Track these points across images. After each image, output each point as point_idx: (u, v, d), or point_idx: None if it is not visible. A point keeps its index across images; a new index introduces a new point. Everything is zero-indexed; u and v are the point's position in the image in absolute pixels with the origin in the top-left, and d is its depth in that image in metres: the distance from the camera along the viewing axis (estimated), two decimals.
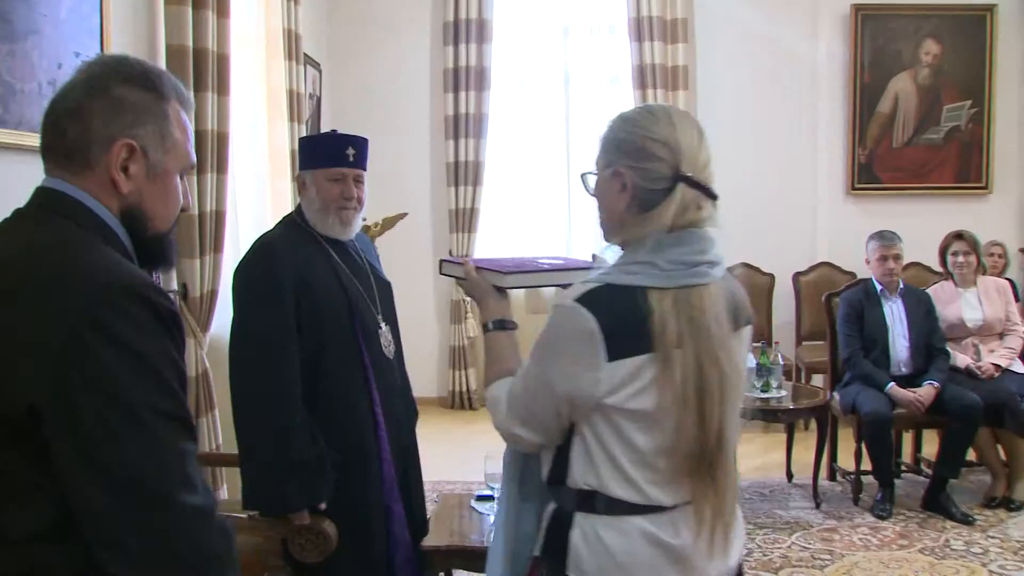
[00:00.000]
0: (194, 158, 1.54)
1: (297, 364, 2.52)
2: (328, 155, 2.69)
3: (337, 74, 6.73)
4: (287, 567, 2.58)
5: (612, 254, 1.72)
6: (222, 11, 3.63)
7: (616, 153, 1.69)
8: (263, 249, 2.67)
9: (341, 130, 2.79)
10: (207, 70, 3.47)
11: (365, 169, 2.74)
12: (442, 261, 1.98)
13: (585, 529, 1.65)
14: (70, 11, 2.63)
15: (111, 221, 1.42)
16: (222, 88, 3.63)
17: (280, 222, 2.84)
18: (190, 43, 3.36)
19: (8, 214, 1.47)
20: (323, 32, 6.60)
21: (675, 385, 1.55)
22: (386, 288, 2.84)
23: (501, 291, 1.82)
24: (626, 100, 6.76)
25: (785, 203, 6.85)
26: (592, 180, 1.75)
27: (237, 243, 4.19)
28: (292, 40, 4.93)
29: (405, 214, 5.20)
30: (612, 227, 1.71)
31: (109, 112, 1.39)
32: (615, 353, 1.54)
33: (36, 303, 1.25)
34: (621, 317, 1.55)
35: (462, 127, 6.69)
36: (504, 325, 1.80)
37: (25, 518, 1.28)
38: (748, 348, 1.82)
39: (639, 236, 1.62)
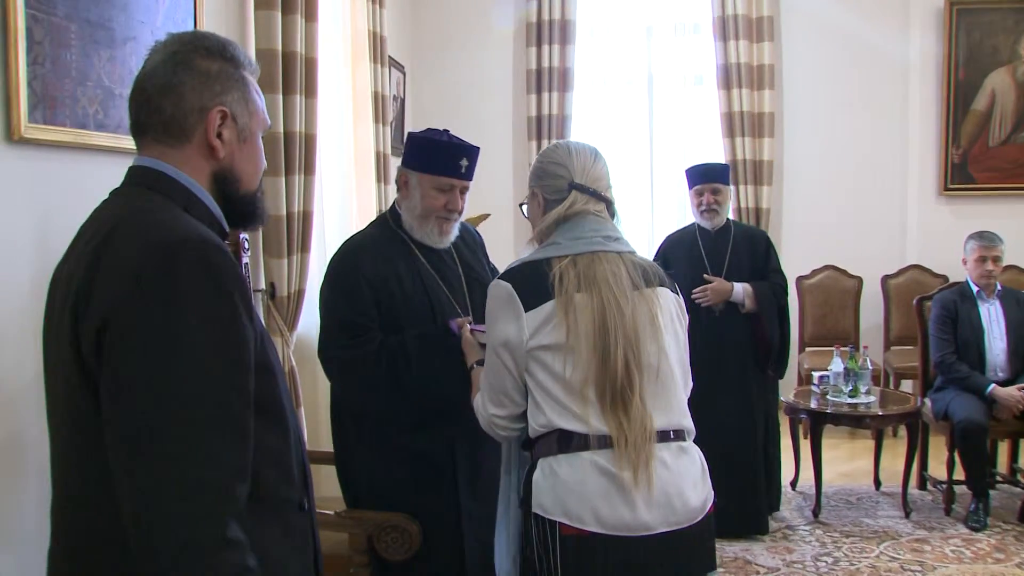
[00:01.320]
0: (269, 119, 1.65)
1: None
2: (441, 162, 2.61)
3: (421, 76, 6.79)
4: (373, 564, 2.61)
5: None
6: (310, 15, 3.69)
7: (532, 179, 2.26)
8: (347, 251, 2.70)
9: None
10: (295, 73, 3.53)
11: (472, 180, 2.69)
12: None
13: (544, 469, 2.02)
14: (166, 17, 2.70)
15: (196, 189, 1.52)
16: (310, 91, 3.69)
17: (372, 222, 2.84)
18: (279, 47, 3.42)
19: None
20: (407, 34, 6.67)
21: (579, 321, 1.99)
22: (483, 292, 2.80)
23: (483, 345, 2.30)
24: (711, 100, 6.68)
25: (873, 204, 6.69)
26: (524, 208, 2.31)
27: (324, 243, 4.26)
28: (377, 42, 4.99)
29: (488, 215, 5.21)
30: (536, 232, 2.22)
31: (199, 84, 1.49)
32: (528, 304, 2.04)
33: (104, 260, 1.35)
34: (530, 280, 2.07)
35: (545, 128, 6.69)
36: (482, 363, 2.22)
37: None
38: (674, 310, 2.16)
39: (545, 228, 2.17)
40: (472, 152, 2.65)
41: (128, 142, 2.44)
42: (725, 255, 4.42)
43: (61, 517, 1.47)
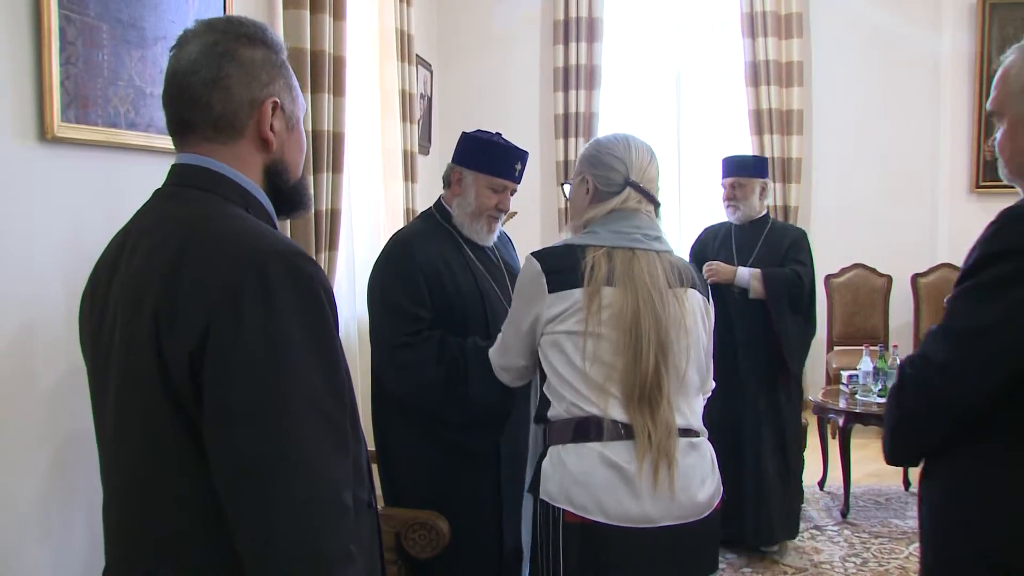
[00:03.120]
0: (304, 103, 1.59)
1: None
2: (499, 164, 2.70)
3: (448, 74, 6.80)
4: (400, 561, 2.63)
5: None
6: (338, 14, 3.70)
7: (584, 164, 2.23)
8: (400, 241, 2.73)
9: (451, 129, 2.81)
10: (324, 72, 3.54)
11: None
12: None
13: (552, 457, 2.05)
14: (196, 17, 2.72)
15: (250, 186, 1.46)
16: (338, 89, 3.70)
17: (419, 216, 2.88)
18: (308, 45, 3.44)
19: None
20: (434, 32, 6.68)
21: (607, 316, 2.02)
22: None
23: None
24: (739, 97, 6.65)
25: (903, 202, 6.63)
26: (568, 188, 2.31)
27: (351, 241, 4.27)
28: (405, 41, 5.00)
29: (515, 213, 5.20)
30: (576, 219, 2.23)
31: (246, 76, 1.43)
32: (553, 286, 2.07)
33: (189, 275, 1.29)
34: (560, 262, 2.10)
35: (572, 126, 6.68)
36: None
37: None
38: (699, 312, 2.16)
39: (590, 217, 2.16)
40: (525, 157, 2.76)
41: (160, 140, 2.48)
42: (754, 250, 4.24)
43: (120, 541, 1.43)
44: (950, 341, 1.69)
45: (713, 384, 2.25)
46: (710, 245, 4.38)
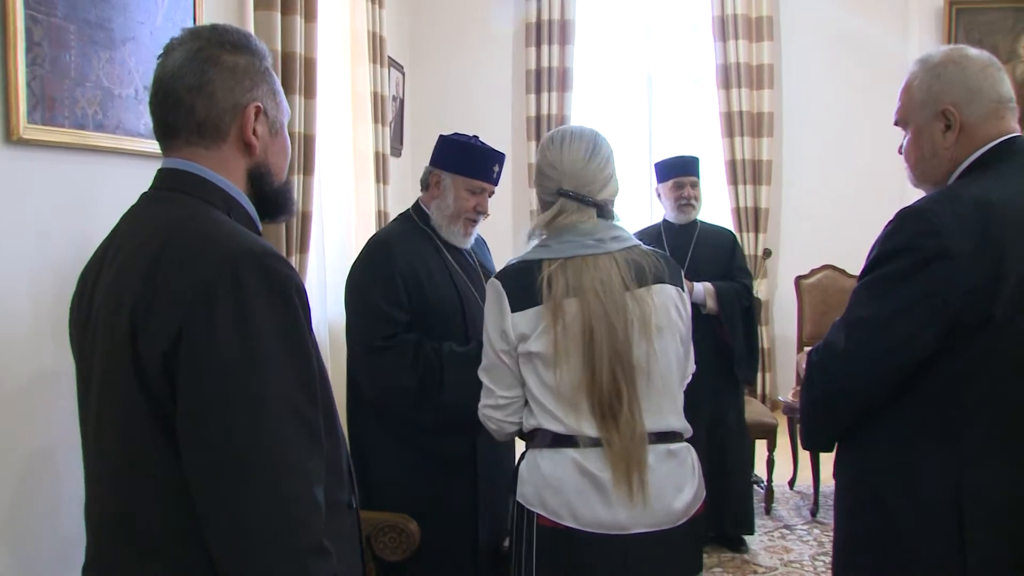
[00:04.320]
0: (288, 108, 1.62)
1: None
2: (477, 166, 2.71)
3: (420, 76, 6.79)
4: (372, 564, 2.62)
5: None
6: (309, 15, 3.69)
7: (535, 174, 2.23)
8: (379, 242, 2.72)
9: (423, 131, 2.82)
10: (295, 74, 3.53)
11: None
12: None
13: (529, 461, 2.06)
14: (165, 18, 2.70)
15: (234, 191, 1.49)
16: (309, 91, 3.69)
17: (396, 218, 2.88)
18: (279, 47, 3.43)
19: (109, 214, 1.53)
20: (406, 34, 6.67)
21: (567, 330, 1.99)
22: None
23: None
24: (710, 99, 6.69)
25: (873, 203, 6.64)
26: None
27: (323, 244, 4.26)
28: (376, 43, 4.99)
29: (487, 215, 5.21)
30: (530, 229, 2.20)
31: (229, 81, 1.46)
32: (515, 306, 2.05)
33: (165, 275, 1.31)
34: (519, 281, 2.06)
35: (544, 129, 6.67)
36: None
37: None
38: (672, 305, 2.12)
39: (536, 226, 2.15)
40: (502, 159, 2.78)
41: (129, 142, 2.46)
42: (688, 251, 4.25)
43: (102, 535, 1.44)
44: (850, 331, 1.85)
45: (694, 367, 2.23)
46: None
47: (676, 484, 2.04)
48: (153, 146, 1.61)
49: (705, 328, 4.04)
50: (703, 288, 4.12)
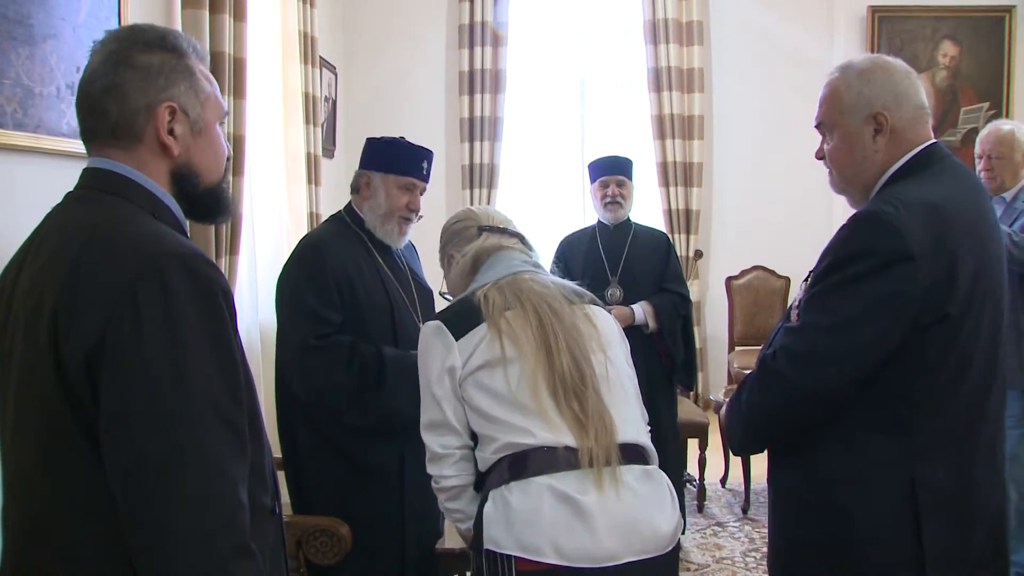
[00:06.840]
0: (225, 106, 1.59)
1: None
2: (405, 163, 2.72)
3: (353, 77, 6.74)
4: (303, 568, 2.59)
5: None
6: (239, 15, 3.65)
7: (442, 249, 2.36)
8: (311, 244, 2.71)
9: (356, 132, 2.81)
10: (224, 74, 3.49)
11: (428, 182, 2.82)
12: None
13: (495, 500, 1.84)
14: (88, 15, 2.65)
15: (159, 192, 1.46)
16: (239, 91, 3.65)
17: (327, 220, 2.87)
18: (207, 46, 3.38)
19: (29, 215, 1.49)
20: (339, 35, 6.62)
21: (516, 333, 1.96)
22: (427, 295, 2.87)
23: None
24: (642, 102, 6.75)
25: (801, 205, 6.82)
26: (446, 285, 2.36)
27: (254, 246, 4.20)
28: (308, 43, 4.95)
29: (421, 216, 5.19)
30: (458, 286, 2.24)
31: (141, 81, 1.42)
32: (458, 333, 1.98)
33: (89, 275, 1.29)
34: (457, 312, 2.05)
35: (477, 130, 6.69)
36: None
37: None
38: (617, 330, 2.14)
39: (464, 273, 2.18)
40: (430, 155, 2.78)
41: (50, 141, 2.40)
42: (623, 252, 4.23)
43: (18, 542, 1.40)
44: (812, 335, 1.83)
45: (647, 416, 2.11)
46: (576, 249, 4.33)
47: (660, 505, 1.90)
48: (77, 145, 1.58)
49: (639, 337, 4.03)
50: (641, 309, 4.12)
